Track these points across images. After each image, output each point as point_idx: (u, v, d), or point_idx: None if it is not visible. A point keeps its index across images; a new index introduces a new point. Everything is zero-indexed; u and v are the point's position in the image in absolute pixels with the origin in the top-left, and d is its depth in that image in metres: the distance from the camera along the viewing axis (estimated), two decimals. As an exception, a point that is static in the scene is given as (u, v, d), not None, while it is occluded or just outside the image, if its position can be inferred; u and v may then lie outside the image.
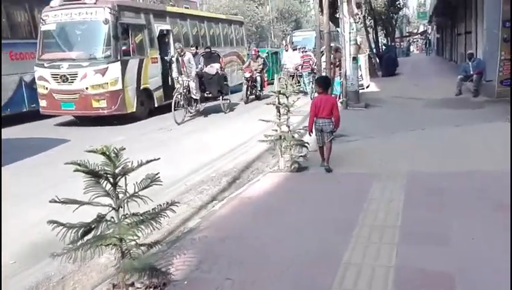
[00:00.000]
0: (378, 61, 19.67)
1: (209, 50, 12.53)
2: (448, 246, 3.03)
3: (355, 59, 11.38)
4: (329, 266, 2.83)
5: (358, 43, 22.58)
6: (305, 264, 2.92)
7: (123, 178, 2.61)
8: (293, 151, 5.52)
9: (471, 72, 11.73)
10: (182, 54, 10.82)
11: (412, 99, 12.06)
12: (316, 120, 5.49)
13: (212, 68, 11.86)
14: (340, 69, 11.93)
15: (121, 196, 2.63)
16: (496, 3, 10.74)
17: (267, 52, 19.83)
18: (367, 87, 14.64)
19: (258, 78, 14.47)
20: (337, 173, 5.19)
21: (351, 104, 11.37)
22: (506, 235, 3.13)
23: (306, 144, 5.57)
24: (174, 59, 11.18)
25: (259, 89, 14.62)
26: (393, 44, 30.32)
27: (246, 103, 13.74)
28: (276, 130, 5.63)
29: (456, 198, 3.90)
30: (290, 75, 15.97)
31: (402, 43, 46.50)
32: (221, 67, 12.23)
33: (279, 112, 5.59)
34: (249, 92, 14.11)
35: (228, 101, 12.36)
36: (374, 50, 23.08)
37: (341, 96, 11.58)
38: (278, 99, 5.55)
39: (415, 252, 2.95)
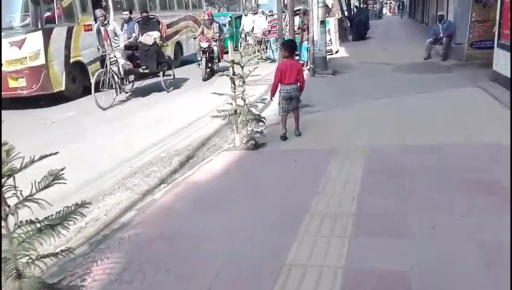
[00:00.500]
0: (349, 24, 19.11)
1: (146, 15, 10.40)
2: (406, 237, 2.70)
3: (323, 23, 10.83)
4: (271, 269, 2.46)
5: (330, 6, 22.00)
6: (244, 266, 2.54)
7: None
8: (250, 126, 5.08)
9: (441, 35, 11.39)
10: (106, 22, 9.15)
11: (381, 64, 11.68)
12: (282, 87, 5.22)
13: (149, 37, 9.76)
14: (308, 34, 11.39)
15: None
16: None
17: (230, 17, 18.64)
18: (336, 52, 14.16)
19: (215, 49, 11.86)
20: (295, 150, 4.79)
21: (318, 71, 10.91)
22: (472, 221, 2.82)
23: (263, 119, 5.12)
24: (95, 30, 9.47)
25: (216, 61, 12.19)
26: (365, 6, 29.70)
27: (205, 79, 11.29)
28: (232, 104, 5.16)
29: (418, 179, 3.57)
30: (258, 41, 15.37)
31: (375, 6, 45.84)
32: (161, 36, 10.18)
33: (234, 83, 5.09)
34: (208, 67, 11.56)
35: (171, 77, 10.44)
36: (346, 13, 22.45)
37: (308, 63, 11.11)
38: (233, 69, 5.04)
39: (368, 247, 2.60)
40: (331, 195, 3.36)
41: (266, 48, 14.86)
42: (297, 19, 13.39)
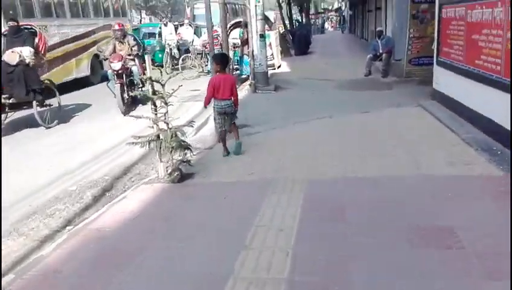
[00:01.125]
0: (291, 39, 19.00)
1: (13, 24, 7.59)
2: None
3: (262, 36, 10.40)
4: None
5: (272, 19, 21.86)
6: None
7: None
8: (175, 154, 4.38)
9: (381, 51, 11.36)
10: None
11: (322, 81, 11.45)
12: (216, 102, 4.97)
13: (14, 55, 7.11)
14: (248, 48, 10.91)
15: None
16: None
17: (160, 27, 16.90)
18: (278, 67, 13.83)
19: (134, 69, 8.78)
20: (226, 183, 4.16)
21: (260, 86, 10.45)
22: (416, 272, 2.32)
23: (189, 146, 4.44)
24: None
25: (139, 85, 8.89)
26: (306, 20, 30.04)
27: (125, 112, 8.15)
28: (154, 128, 4.45)
29: (363, 225, 3.05)
30: (198, 54, 14.68)
31: (317, 20, 46.83)
32: (36, 51, 7.51)
33: (154, 104, 4.38)
34: (125, 94, 8.34)
35: (50, 106, 7.80)
36: (288, 27, 22.43)
37: (249, 78, 10.62)
38: (152, 88, 4.34)
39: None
40: (261, 249, 2.74)
41: (207, 61, 14.17)
42: (237, 31, 12.96)
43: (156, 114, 4.37)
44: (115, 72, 8.34)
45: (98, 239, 3.18)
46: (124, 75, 8.40)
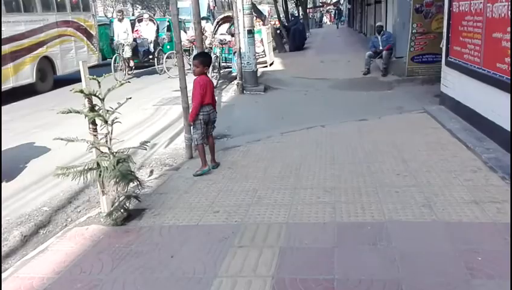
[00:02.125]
0: (286, 34, 17.96)
1: None
2: None
3: (250, 32, 9.42)
4: None
5: (267, 13, 20.79)
6: None
7: None
8: (120, 186, 3.43)
9: (381, 48, 10.38)
10: None
11: (317, 80, 10.47)
12: (202, 108, 4.25)
13: None
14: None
15: None
16: (407, -32, 9.37)
17: (168, 21, 15.75)
18: (271, 64, 12.84)
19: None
20: (182, 227, 3.20)
21: (248, 87, 9.48)
22: None
23: (137, 178, 3.49)
24: None
25: None
26: (304, 14, 28.96)
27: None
28: (94, 152, 3.49)
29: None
30: (185, 50, 13.67)
31: (315, 14, 45.69)
32: None
33: (93, 124, 3.43)
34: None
35: None
36: (284, 21, 21.36)
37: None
38: (90, 103, 3.38)
39: None
40: None
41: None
42: (226, 26, 11.97)
43: (95, 135, 3.41)
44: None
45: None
46: None
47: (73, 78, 10.41)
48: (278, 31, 19.88)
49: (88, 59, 11.65)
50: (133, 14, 36.06)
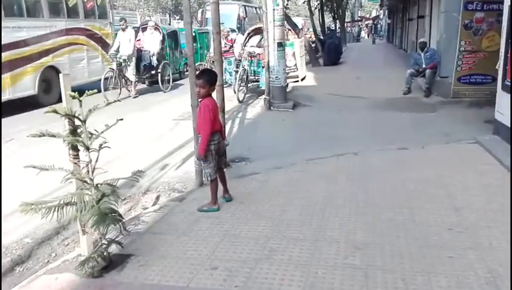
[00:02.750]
0: (321, 47, 17.24)
1: None
2: None
3: (281, 45, 8.78)
4: None
5: (300, 26, 20.16)
6: None
7: None
8: (102, 227, 2.80)
9: (424, 66, 9.49)
10: None
11: (352, 98, 9.69)
12: (211, 137, 3.52)
13: None
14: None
15: None
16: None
17: (194, 32, 16.13)
18: (303, 79, 12.15)
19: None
20: (168, 287, 2.53)
21: (275, 103, 8.83)
22: None
23: (120, 220, 2.84)
24: None
25: None
26: (339, 28, 28.14)
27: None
28: (74, 183, 2.90)
29: None
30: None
31: (353, 28, 44.75)
32: None
33: (74, 149, 2.84)
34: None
35: None
36: (320, 35, 20.69)
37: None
38: (72, 124, 2.79)
39: None
40: None
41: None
42: (257, 38, 11.40)
43: (75, 163, 2.82)
44: None
45: None
46: None
47: (85, 89, 10.18)
48: (314, 44, 19.24)
49: (102, 71, 10.66)
50: (169, 24, 36.30)
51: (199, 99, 3.61)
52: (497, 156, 4.76)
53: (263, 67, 9.87)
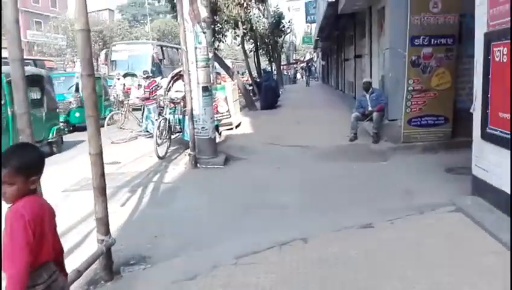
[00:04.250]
0: (257, 90, 16.12)
1: None
2: None
3: (207, 90, 7.30)
4: None
5: (231, 67, 19.07)
6: None
7: None
8: None
9: (370, 108, 8.43)
10: None
11: (293, 148, 8.33)
12: (35, 274, 1.79)
13: None
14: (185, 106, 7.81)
15: None
16: (401, 14, 7.62)
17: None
18: (237, 126, 10.71)
19: None
20: None
21: (203, 159, 7.23)
22: None
23: None
24: None
25: None
26: (275, 70, 27.68)
27: None
28: None
29: None
30: (133, 109, 11.42)
31: (289, 71, 45.14)
32: None
33: None
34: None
35: None
36: (256, 77, 19.75)
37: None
38: None
39: None
40: None
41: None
42: (180, 84, 9.87)
43: None
44: None
45: None
46: None
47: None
48: (251, 87, 18.16)
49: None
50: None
51: (9, 205, 1.86)
52: (497, 234, 3.44)
53: (187, 116, 8.34)
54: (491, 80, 4.07)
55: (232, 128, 10.27)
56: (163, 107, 9.15)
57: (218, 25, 14.44)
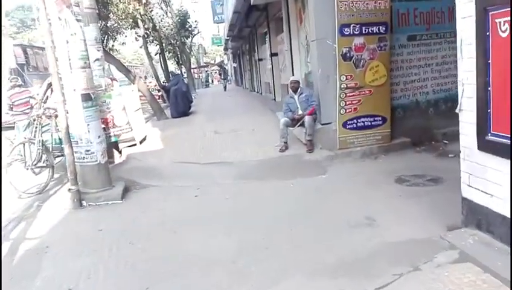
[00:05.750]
0: (166, 96, 14.19)
1: None
2: None
3: (90, 99, 5.36)
4: None
5: (132, 71, 16.87)
6: None
7: None
8: None
9: (300, 111, 7.11)
10: None
11: (213, 166, 6.69)
12: None
13: None
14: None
15: None
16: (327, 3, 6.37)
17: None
18: (142, 142, 8.75)
19: None
20: None
21: (91, 193, 5.29)
22: None
23: None
24: None
25: None
26: (185, 73, 25.80)
27: None
28: None
29: None
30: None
31: (200, 74, 43.33)
32: None
33: None
34: None
35: None
36: (165, 82, 17.76)
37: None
38: None
39: None
40: None
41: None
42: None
43: None
44: None
45: None
46: None
47: None
48: (160, 93, 16.20)
49: None
50: None
51: None
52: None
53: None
54: (492, 66, 2.83)
55: (135, 145, 8.32)
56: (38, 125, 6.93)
57: (111, 21, 12.29)
